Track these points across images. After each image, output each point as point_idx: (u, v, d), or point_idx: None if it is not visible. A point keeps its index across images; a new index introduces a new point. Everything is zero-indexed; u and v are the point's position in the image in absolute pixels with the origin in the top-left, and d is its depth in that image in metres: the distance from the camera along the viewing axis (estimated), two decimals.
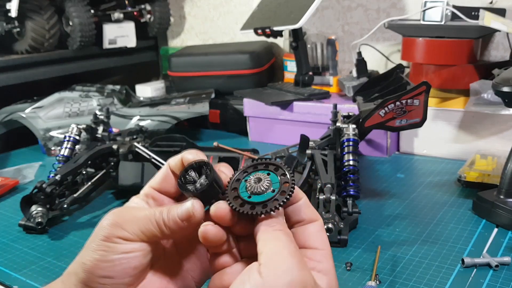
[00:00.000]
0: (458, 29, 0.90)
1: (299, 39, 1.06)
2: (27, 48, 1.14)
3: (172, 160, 0.35)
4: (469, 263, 0.56)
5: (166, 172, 0.36)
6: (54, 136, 1.06)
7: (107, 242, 0.32)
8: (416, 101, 0.73)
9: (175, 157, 0.35)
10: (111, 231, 0.32)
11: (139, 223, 0.33)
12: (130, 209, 0.34)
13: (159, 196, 0.36)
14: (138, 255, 0.33)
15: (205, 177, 0.33)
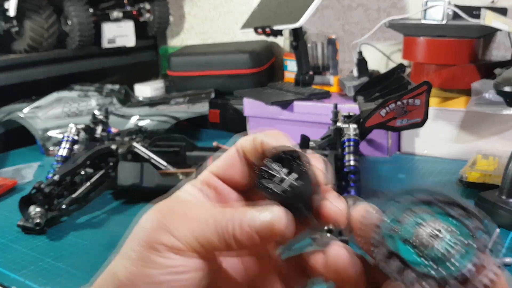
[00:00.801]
0: (459, 29, 0.89)
1: (299, 39, 1.06)
2: (26, 47, 1.14)
3: (245, 142, 0.27)
4: None
5: (235, 156, 0.27)
6: (53, 136, 1.05)
7: (147, 251, 0.23)
8: (417, 101, 0.73)
9: (248, 138, 0.27)
10: (154, 235, 0.24)
11: (194, 227, 0.24)
12: (182, 204, 0.26)
13: (221, 186, 0.28)
14: (191, 277, 0.23)
15: (296, 174, 0.24)
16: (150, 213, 0.25)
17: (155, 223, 0.24)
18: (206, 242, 0.23)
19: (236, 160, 0.27)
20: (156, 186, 0.75)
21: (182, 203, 0.26)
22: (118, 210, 0.77)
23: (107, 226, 0.71)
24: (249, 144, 0.27)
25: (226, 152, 0.28)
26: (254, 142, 0.27)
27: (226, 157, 0.28)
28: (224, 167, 0.28)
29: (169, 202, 0.26)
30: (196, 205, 0.26)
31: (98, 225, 0.72)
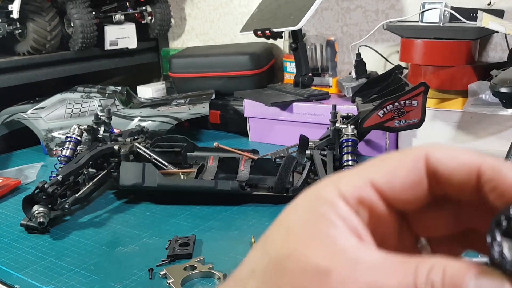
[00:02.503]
0: (456, 31, 0.90)
1: (298, 41, 1.07)
2: (29, 49, 1.15)
3: (445, 156, 0.19)
4: None
5: (420, 172, 0.20)
6: (56, 136, 1.06)
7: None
8: (415, 101, 0.74)
9: (457, 154, 0.19)
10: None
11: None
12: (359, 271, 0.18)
13: (380, 208, 0.20)
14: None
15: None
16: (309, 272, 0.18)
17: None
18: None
19: (418, 179, 0.20)
20: (158, 186, 0.77)
21: (350, 259, 0.18)
22: (120, 209, 0.78)
23: (109, 225, 0.72)
24: (459, 164, 0.19)
25: (401, 158, 0.20)
26: (468, 164, 0.19)
27: (404, 170, 0.20)
28: (397, 184, 0.20)
29: (329, 257, 0.18)
30: (369, 265, 0.18)
31: (101, 225, 0.73)
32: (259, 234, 0.66)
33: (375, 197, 0.20)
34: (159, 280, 0.56)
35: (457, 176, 0.19)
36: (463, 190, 0.19)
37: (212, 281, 0.55)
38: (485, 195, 0.19)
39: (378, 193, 0.20)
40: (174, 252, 0.61)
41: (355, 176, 0.20)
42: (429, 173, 0.20)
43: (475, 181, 0.19)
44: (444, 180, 0.19)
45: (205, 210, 0.76)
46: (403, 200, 0.20)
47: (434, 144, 0.20)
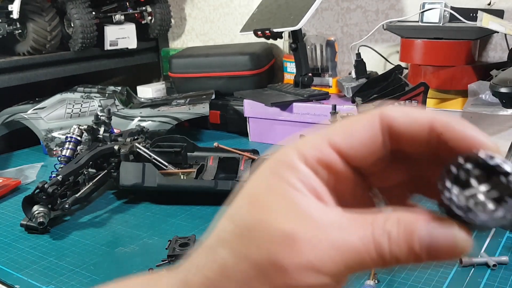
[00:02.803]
0: (456, 31, 0.90)
1: (298, 41, 1.07)
2: (29, 49, 1.15)
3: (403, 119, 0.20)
4: (467, 263, 0.56)
5: (375, 130, 0.20)
6: (56, 136, 1.06)
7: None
8: (415, 102, 0.74)
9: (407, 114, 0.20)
10: (303, 278, 0.19)
11: (346, 260, 0.19)
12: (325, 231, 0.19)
13: (339, 165, 0.21)
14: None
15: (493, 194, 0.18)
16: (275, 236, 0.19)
17: (294, 259, 0.19)
18: (357, 268, 0.19)
19: (373, 135, 0.20)
20: (158, 186, 0.77)
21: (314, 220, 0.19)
22: (120, 209, 0.78)
23: (109, 225, 0.72)
24: (412, 120, 0.20)
25: (358, 119, 0.21)
26: (420, 120, 0.20)
27: (360, 129, 0.20)
28: (354, 141, 0.20)
29: (294, 219, 0.19)
30: (333, 222, 0.19)
31: (101, 225, 0.73)
32: None
33: (334, 156, 0.20)
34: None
35: (410, 131, 0.20)
36: (416, 144, 0.20)
37: None
38: (436, 147, 0.20)
39: (336, 152, 0.20)
40: (174, 252, 0.61)
41: (315, 138, 0.21)
42: (384, 130, 0.20)
43: (427, 135, 0.20)
44: (398, 136, 0.20)
45: (205, 210, 0.76)
46: (360, 157, 0.21)
47: (389, 105, 0.21)
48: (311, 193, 0.20)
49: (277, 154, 0.21)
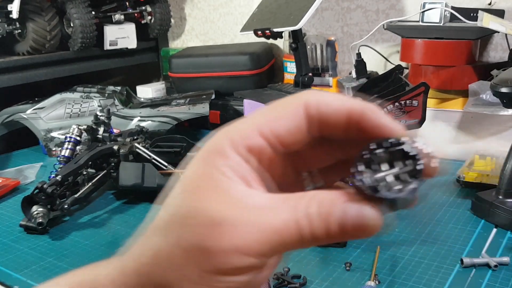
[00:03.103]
0: (456, 30, 0.90)
1: (298, 40, 1.07)
2: (29, 49, 1.15)
3: (326, 105, 0.21)
4: (468, 263, 0.56)
5: (299, 117, 0.22)
6: (55, 137, 1.06)
7: (216, 276, 0.20)
8: (415, 102, 0.73)
9: (329, 100, 0.22)
10: (228, 261, 0.20)
11: (271, 242, 0.20)
12: (251, 215, 0.20)
13: (267, 152, 0.22)
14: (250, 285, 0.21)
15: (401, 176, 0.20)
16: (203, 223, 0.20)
17: (220, 244, 0.20)
18: (282, 250, 0.21)
19: (299, 124, 0.22)
20: (158, 186, 0.76)
21: (242, 205, 0.21)
22: (120, 210, 0.78)
23: (108, 226, 0.72)
24: (333, 109, 0.21)
25: (284, 106, 0.22)
26: (340, 109, 0.21)
27: (286, 117, 0.22)
28: (281, 130, 0.21)
29: (222, 206, 0.20)
30: (260, 207, 0.21)
31: (100, 225, 0.72)
32: None
33: (263, 143, 0.22)
34: None
35: (331, 119, 0.22)
36: (336, 131, 0.22)
37: None
38: (355, 133, 0.22)
39: (265, 139, 0.22)
40: None
41: (244, 126, 0.22)
42: (308, 117, 0.22)
43: (345, 122, 0.22)
44: (320, 123, 0.22)
45: None
46: (287, 143, 0.22)
47: (311, 91, 0.22)
48: (241, 179, 0.21)
49: (209, 142, 0.22)
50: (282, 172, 0.24)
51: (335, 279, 0.54)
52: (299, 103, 0.22)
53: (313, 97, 0.22)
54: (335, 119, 0.22)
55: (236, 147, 0.21)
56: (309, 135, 0.22)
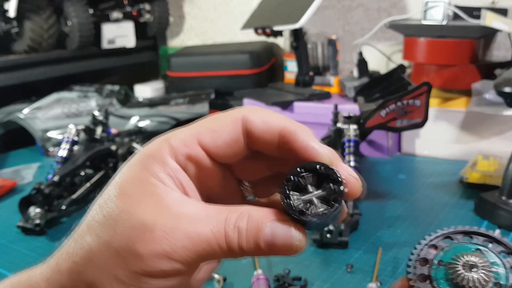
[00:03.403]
0: (459, 29, 0.89)
1: (299, 39, 1.06)
2: (26, 48, 1.14)
3: (258, 124, 0.23)
4: None
5: (236, 131, 0.23)
6: (53, 137, 1.05)
7: (144, 278, 0.21)
8: (418, 101, 0.73)
9: (262, 120, 0.23)
10: (156, 264, 0.21)
11: (198, 250, 0.21)
12: (181, 223, 0.21)
13: (206, 162, 0.23)
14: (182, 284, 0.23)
15: (324, 197, 0.22)
16: (135, 228, 0.21)
17: (149, 247, 0.21)
18: (210, 258, 0.22)
19: (236, 138, 0.23)
20: None
21: (174, 213, 0.21)
22: None
23: None
24: (267, 127, 0.23)
25: (223, 120, 0.23)
26: (273, 128, 0.23)
27: (225, 131, 0.23)
28: (220, 142, 0.23)
29: (155, 212, 0.21)
30: (191, 216, 0.22)
31: None
32: None
33: (202, 154, 0.23)
34: None
35: (264, 137, 0.23)
36: (270, 148, 0.23)
37: (211, 284, 0.54)
38: (285, 152, 0.23)
39: (204, 149, 0.23)
40: None
41: (185, 134, 0.23)
42: (245, 133, 0.23)
43: (277, 141, 0.23)
44: (255, 139, 0.23)
45: None
46: (225, 155, 0.23)
47: (250, 107, 0.24)
48: (177, 187, 0.23)
49: (149, 147, 0.23)
50: (222, 182, 0.25)
51: (336, 281, 0.54)
52: (237, 117, 0.23)
53: (251, 113, 0.23)
54: (268, 136, 0.23)
55: (176, 154, 0.23)
56: (247, 148, 0.24)
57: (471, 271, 0.20)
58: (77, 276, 0.22)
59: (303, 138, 0.23)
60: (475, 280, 0.20)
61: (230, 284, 0.54)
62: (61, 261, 0.23)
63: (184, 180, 0.23)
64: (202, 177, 0.24)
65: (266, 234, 0.22)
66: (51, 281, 0.23)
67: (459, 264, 0.20)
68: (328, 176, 0.22)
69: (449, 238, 0.22)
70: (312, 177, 0.22)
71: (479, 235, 0.22)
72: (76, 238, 0.23)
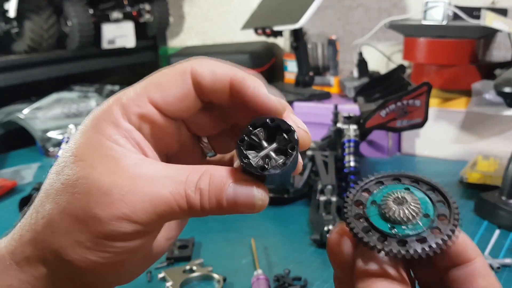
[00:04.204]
0: (459, 29, 0.89)
1: (299, 39, 1.06)
2: (26, 48, 1.14)
3: (205, 75, 0.23)
4: None
5: (188, 86, 0.23)
6: (53, 137, 1.05)
7: (102, 239, 0.21)
8: (418, 101, 0.73)
9: (210, 70, 0.23)
10: (117, 227, 0.21)
11: (159, 211, 0.21)
12: (139, 185, 0.21)
13: (159, 120, 0.23)
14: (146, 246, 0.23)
15: (280, 149, 0.22)
16: (92, 193, 0.21)
17: (108, 211, 0.21)
18: (171, 218, 0.22)
19: (187, 92, 0.23)
20: None
21: (130, 174, 0.21)
22: None
23: None
24: (216, 77, 0.23)
25: (171, 74, 0.23)
26: (223, 77, 0.23)
27: (174, 86, 0.23)
28: (170, 98, 0.23)
29: (111, 175, 0.21)
30: (149, 176, 0.21)
31: None
32: (259, 236, 0.64)
33: (154, 111, 0.23)
34: (157, 283, 0.55)
35: (215, 87, 0.23)
36: (222, 98, 0.23)
37: (211, 284, 0.54)
38: (238, 102, 0.23)
39: (155, 107, 0.23)
40: (173, 254, 0.59)
41: (135, 94, 0.23)
42: (195, 85, 0.23)
43: (228, 91, 0.23)
44: (206, 91, 0.23)
45: None
46: (177, 110, 0.23)
47: (198, 59, 0.24)
48: (134, 147, 0.22)
49: (100, 110, 0.23)
50: (179, 140, 0.25)
51: None
52: (185, 70, 0.23)
53: (199, 65, 0.23)
54: (219, 87, 0.23)
55: (128, 115, 0.22)
56: (199, 101, 0.23)
57: (402, 205, 0.21)
58: (40, 246, 0.23)
59: (253, 87, 0.23)
60: (406, 212, 0.21)
61: (230, 284, 0.54)
62: (23, 232, 0.23)
63: (141, 140, 0.23)
64: (157, 135, 0.23)
65: (228, 195, 0.22)
66: (16, 254, 0.23)
67: (390, 200, 0.22)
68: (279, 127, 0.22)
69: (380, 183, 0.23)
70: (264, 132, 0.22)
71: (407, 178, 0.23)
72: (37, 208, 0.23)
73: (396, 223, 0.21)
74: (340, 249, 0.22)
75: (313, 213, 0.65)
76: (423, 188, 0.23)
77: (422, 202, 0.22)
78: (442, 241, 0.20)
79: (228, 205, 0.22)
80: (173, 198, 0.21)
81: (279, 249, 0.62)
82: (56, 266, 0.22)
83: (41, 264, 0.23)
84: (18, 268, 0.23)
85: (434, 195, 0.22)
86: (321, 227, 0.59)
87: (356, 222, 0.22)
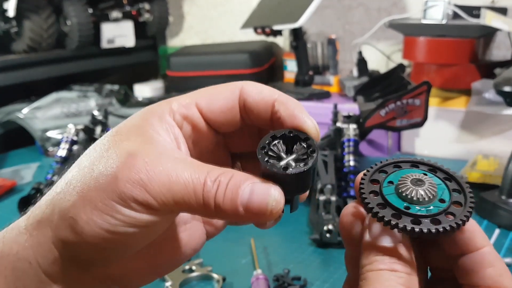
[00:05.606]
0: (459, 28, 0.89)
1: (299, 39, 1.06)
2: (25, 48, 1.14)
3: (255, 94, 0.24)
4: None
5: (233, 100, 0.25)
6: (52, 136, 1.05)
7: (115, 201, 0.21)
8: (417, 100, 0.72)
9: (259, 91, 0.24)
10: (126, 188, 0.21)
11: (174, 190, 0.21)
12: (160, 153, 0.22)
13: (200, 125, 0.25)
14: (151, 230, 0.23)
15: (299, 159, 0.23)
16: (120, 155, 0.22)
17: (127, 172, 0.21)
18: (184, 204, 0.22)
19: (232, 105, 0.24)
20: None
21: (160, 151, 0.22)
22: None
23: None
24: (259, 100, 0.24)
25: (222, 90, 0.25)
26: (266, 100, 0.24)
27: (222, 97, 0.25)
28: (216, 107, 0.24)
29: (142, 145, 0.22)
30: (175, 158, 0.22)
31: None
32: (259, 235, 0.64)
33: (198, 116, 0.24)
34: (157, 283, 0.55)
35: (259, 107, 0.24)
36: (263, 119, 0.24)
37: (210, 284, 0.54)
38: (279, 124, 0.24)
39: (200, 112, 0.24)
40: None
41: (185, 98, 0.25)
42: (241, 102, 0.25)
43: (271, 112, 0.24)
44: (251, 109, 0.24)
45: None
46: (219, 121, 0.25)
47: (248, 81, 0.25)
48: (171, 140, 0.24)
49: (152, 106, 0.24)
50: (214, 150, 0.26)
51: (336, 281, 0.54)
52: (236, 86, 0.25)
53: (248, 85, 0.25)
54: (263, 106, 0.24)
55: (174, 114, 0.24)
56: (240, 119, 0.25)
57: (419, 187, 0.22)
58: (53, 206, 0.23)
59: (295, 108, 0.24)
60: (423, 193, 0.21)
61: (230, 284, 0.53)
62: (45, 196, 0.24)
63: (179, 136, 0.24)
64: (196, 138, 0.25)
65: (244, 192, 0.22)
66: (30, 218, 0.24)
67: (407, 180, 0.22)
68: (298, 138, 0.24)
69: (398, 167, 0.24)
70: (281, 144, 0.24)
71: (425, 165, 0.24)
72: (64, 176, 0.24)
73: (412, 203, 0.21)
74: (352, 225, 0.23)
75: (312, 213, 0.65)
76: (440, 176, 0.23)
77: (439, 187, 0.22)
78: (455, 224, 0.21)
79: (242, 202, 0.22)
80: (192, 181, 0.22)
81: (278, 248, 0.62)
82: (59, 229, 0.22)
83: (48, 227, 0.23)
84: (28, 233, 0.23)
85: (451, 184, 0.23)
86: (321, 226, 0.59)
87: (371, 197, 0.22)
